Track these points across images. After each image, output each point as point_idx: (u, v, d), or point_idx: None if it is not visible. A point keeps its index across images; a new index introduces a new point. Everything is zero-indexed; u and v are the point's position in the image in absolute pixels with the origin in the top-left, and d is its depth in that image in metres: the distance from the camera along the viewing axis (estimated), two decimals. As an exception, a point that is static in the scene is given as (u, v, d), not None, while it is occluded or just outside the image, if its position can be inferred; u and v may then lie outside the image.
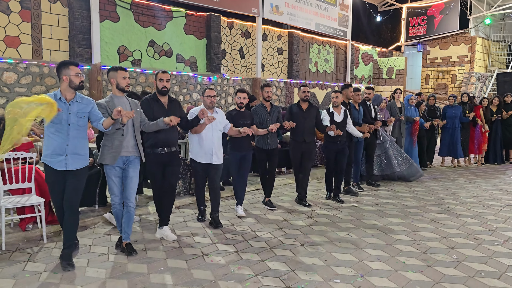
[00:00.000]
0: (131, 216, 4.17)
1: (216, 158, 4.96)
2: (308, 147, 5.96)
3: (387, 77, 18.20)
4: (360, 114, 6.88)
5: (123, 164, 4.11)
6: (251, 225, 5.10)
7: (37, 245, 4.30)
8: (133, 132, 4.12)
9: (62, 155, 3.68)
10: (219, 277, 3.60)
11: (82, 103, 3.77)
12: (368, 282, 3.53)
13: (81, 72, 3.78)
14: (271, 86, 5.78)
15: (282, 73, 14.07)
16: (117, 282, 3.48)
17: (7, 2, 7.81)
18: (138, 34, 9.88)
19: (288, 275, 3.65)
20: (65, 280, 3.51)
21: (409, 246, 4.40)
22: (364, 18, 21.66)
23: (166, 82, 4.48)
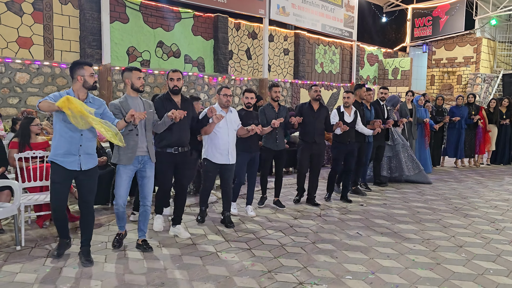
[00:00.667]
0: (147, 215, 4.27)
1: (231, 158, 4.98)
2: (318, 148, 5.94)
3: (392, 77, 18.25)
4: (372, 115, 6.87)
5: (139, 164, 4.15)
6: (262, 223, 5.20)
7: (55, 241, 4.41)
8: (145, 133, 4.15)
9: (75, 155, 3.71)
10: (234, 273, 3.70)
11: (94, 104, 3.78)
12: (379, 278, 3.62)
13: (94, 72, 3.81)
14: (279, 86, 5.78)
15: (288, 73, 14.16)
16: (135, 277, 3.58)
17: (20, 4, 7.95)
18: (147, 35, 10.00)
19: (300, 271, 3.75)
20: (84, 275, 3.61)
21: (418, 244, 4.48)
22: (369, 19, 21.72)
23: (177, 81, 4.46)
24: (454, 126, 9.38)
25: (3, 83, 7.42)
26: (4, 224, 4.69)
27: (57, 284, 3.42)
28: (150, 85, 9.70)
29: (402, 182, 7.79)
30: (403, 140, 7.69)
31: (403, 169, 7.58)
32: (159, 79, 9.85)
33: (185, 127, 4.50)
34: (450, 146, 9.60)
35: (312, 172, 6.07)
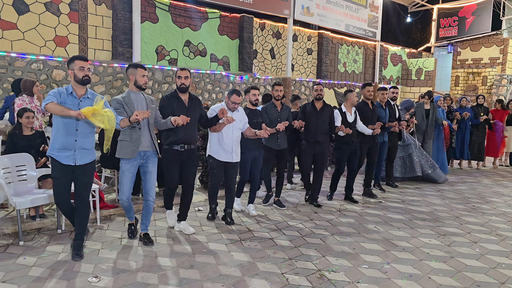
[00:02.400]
0: (150, 209, 4.35)
1: (235, 156, 4.98)
2: (321, 148, 5.83)
3: (416, 78, 18.19)
4: (387, 114, 6.78)
5: (141, 159, 4.16)
6: (283, 216, 5.45)
7: (91, 226, 4.78)
8: (148, 127, 4.15)
9: (70, 150, 3.71)
10: (257, 259, 3.97)
11: (93, 100, 3.72)
12: (394, 268, 3.83)
13: (87, 67, 3.68)
14: (281, 85, 5.64)
15: (311, 73, 14.35)
16: (167, 260, 3.90)
17: (58, 4, 8.41)
18: (175, 35, 10.37)
19: (319, 260, 3.99)
20: (121, 255, 3.95)
21: (433, 239, 4.66)
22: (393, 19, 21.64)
23: (185, 79, 4.45)
24: (458, 127, 9.25)
25: (41, 80, 7.88)
26: (45, 210, 5.08)
27: (96, 263, 3.76)
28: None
29: (418, 180, 7.83)
30: (413, 140, 7.72)
31: (416, 170, 7.58)
32: (186, 77, 10.21)
33: (192, 124, 4.47)
34: (456, 147, 9.51)
35: (315, 172, 5.99)
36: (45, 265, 3.71)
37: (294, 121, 5.57)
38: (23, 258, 3.84)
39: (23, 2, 7.98)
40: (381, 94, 6.80)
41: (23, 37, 8.03)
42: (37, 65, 7.81)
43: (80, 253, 3.87)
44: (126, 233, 4.56)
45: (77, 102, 3.65)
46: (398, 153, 7.56)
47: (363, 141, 6.23)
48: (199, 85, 10.46)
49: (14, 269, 3.59)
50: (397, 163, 7.67)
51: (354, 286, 3.46)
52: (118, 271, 3.62)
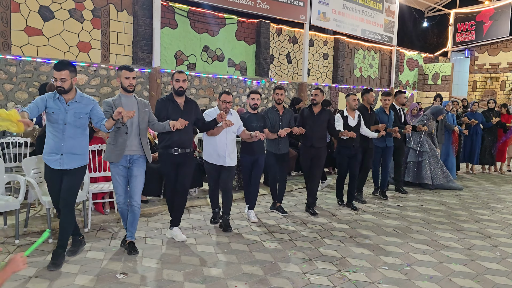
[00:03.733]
0: (135, 215, 4.17)
1: (230, 160, 4.86)
2: (317, 153, 5.69)
3: (432, 83, 18.08)
4: (390, 119, 6.68)
5: (127, 163, 4.09)
6: (303, 217, 5.52)
7: (116, 225, 4.93)
8: (138, 131, 4.09)
9: (57, 154, 3.69)
10: (278, 259, 4.05)
11: (81, 103, 3.73)
12: (414, 270, 3.87)
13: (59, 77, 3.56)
14: (283, 89, 5.56)
15: (327, 77, 14.40)
16: (190, 258, 4.01)
17: (81, 11, 8.65)
18: (193, 40, 10.55)
19: (339, 260, 4.05)
20: (146, 253, 4.08)
21: (453, 242, 4.68)
22: (410, 24, 21.56)
23: (183, 82, 4.39)
24: (468, 132, 9.14)
25: (65, 84, 8.10)
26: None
27: (123, 261, 3.89)
28: (195, 87, 10.23)
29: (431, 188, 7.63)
30: (432, 149, 7.59)
31: (423, 177, 7.50)
32: (204, 81, 10.37)
33: (187, 128, 4.39)
34: (463, 152, 9.42)
35: (310, 176, 5.83)
36: (74, 261, 3.85)
37: (293, 127, 5.44)
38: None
39: (49, 9, 8.24)
40: (383, 100, 6.70)
41: (48, 42, 8.28)
42: (61, 70, 8.04)
43: (57, 262, 3.68)
44: (150, 232, 4.68)
45: (64, 107, 3.64)
46: (410, 158, 7.51)
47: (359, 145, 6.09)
48: (216, 89, 10.61)
49: (45, 265, 3.73)
50: (409, 167, 7.62)
51: (375, 287, 3.52)
52: (144, 268, 3.74)
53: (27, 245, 4.18)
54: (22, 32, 7.96)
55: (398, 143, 6.89)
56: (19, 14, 7.89)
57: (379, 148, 6.63)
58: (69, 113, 3.66)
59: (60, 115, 3.64)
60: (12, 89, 7.51)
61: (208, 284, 3.47)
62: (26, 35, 8.00)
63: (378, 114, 6.63)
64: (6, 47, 7.76)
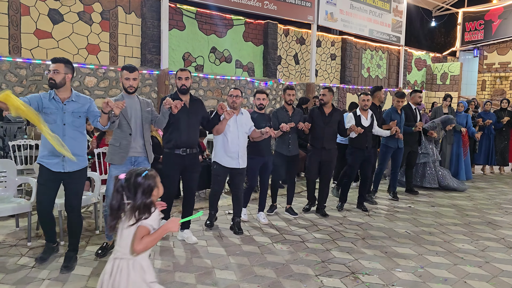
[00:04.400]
0: None
1: (242, 162, 4.77)
2: (328, 155, 5.55)
3: (441, 82, 17.96)
4: (402, 119, 6.57)
5: (131, 165, 3.99)
6: (313, 219, 5.49)
7: (127, 228, 4.92)
8: (142, 132, 4.01)
9: (59, 156, 3.57)
10: (290, 261, 4.02)
11: (78, 102, 3.64)
12: (428, 272, 3.83)
13: (52, 69, 3.50)
14: (294, 89, 5.48)
15: (335, 78, 14.35)
16: (202, 260, 3.99)
17: (90, 14, 8.69)
18: (201, 42, 10.56)
19: (352, 262, 4.02)
20: (158, 255, 4.07)
21: (467, 244, 4.62)
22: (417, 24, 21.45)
23: (185, 80, 4.30)
24: (483, 132, 9.05)
25: (74, 86, 8.14)
26: (82, 212, 5.25)
27: (135, 263, 3.88)
28: (203, 89, 10.23)
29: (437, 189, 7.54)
30: (433, 153, 7.48)
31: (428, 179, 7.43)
32: (212, 83, 10.38)
33: (194, 127, 4.35)
34: (479, 153, 9.31)
35: (322, 180, 5.70)
36: (86, 264, 3.85)
37: (299, 123, 5.30)
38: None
39: (58, 12, 8.29)
40: (396, 101, 6.53)
41: (57, 45, 8.33)
42: (71, 73, 8.09)
43: (69, 265, 3.67)
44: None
45: (61, 106, 3.55)
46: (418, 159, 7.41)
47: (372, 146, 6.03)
48: (224, 91, 10.61)
49: (57, 267, 3.74)
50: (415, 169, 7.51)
51: (389, 289, 3.48)
52: (157, 270, 3.73)
53: (39, 247, 4.19)
54: (32, 35, 8.01)
55: (411, 143, 6.82)
56: (29, 17, 7.94)
57: (391, 149, 6.51)
58: (67, 113, 3.56)
59: (58, 115, 3.54)
60: (22, 91, 7.55)
61: (220, 286, 3.45)
62: (35, 38, 8.06)
63: (390, 114, 6.51)
64: (16, 50, 7.81)
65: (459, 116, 8.55)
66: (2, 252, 4.06)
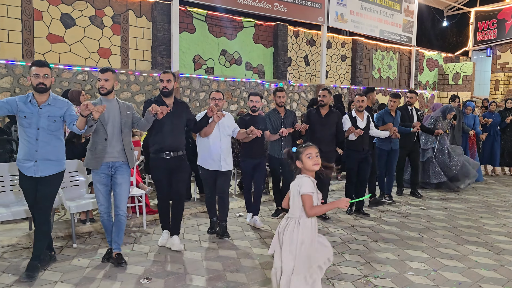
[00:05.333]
0: (121, 225, 3.96)
1: (225, 164, 4.71)
2: (326, 157, 5.08)
3: (453, 83, 17.74)
4: (396, 121, 6.41)
5: (109, 170, 3.87)
6: (323, 222, 5.45)
7: (138, 230, 4.95)
8: (120, 136, 3.87)
9: (31, 160, 3.50)
10: (301, 264, 4.00)
11: (55, 106, 3.54)
12: (441, 276, 3.78)
13: (42, 74, 3.45)
14: (284, 91, 5.40)
15: (345, 79, 14.27)
16: (213, 263, 3.99)
17: (101, 18, 8.77)
18: (211, 44, 10.58)
19: (364, 266, 3.98)
20: (169, 258, 4.08)
21: (481, 247, 4.55)
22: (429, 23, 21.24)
23: (167, 83, 4.18)
24: (488, 133, 8.86)
25: (86, 90, 8.21)
26: (94, 214, 5.29)
27: (146, 266, 3.90)
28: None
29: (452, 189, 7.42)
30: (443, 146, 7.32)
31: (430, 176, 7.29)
32: (222, 85, 10.39)
33: (178, 130, 4.28)
34: (483, 153, 9.13)
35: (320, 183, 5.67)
36: (98, 266, 3.87)
37: (296, 124, 5.25)
38: (78, 259, 4.02)
39: (70, 17, 8.38)
40: (392, 102, 6.39)
41: (69, 49, 8.42)
42: (83, 76, 8.16)
43: (32, 274, 3.51)
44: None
45: (36, 110, 3.47)
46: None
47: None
48: (234, 93, 10.62)
49: (70, 270, 3.77)
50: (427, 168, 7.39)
51: (402, 293, 3.44)
52: (168, 273, 3.74)
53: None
54: (45, 40, 8.11)
55: (410, 145, 6.70)
56: (41, 22, 8.04)
57: (384, 151, 6.36)
58: (42, 117, 3.48)
59: (33, 119, 3.46)
60: (35, 95, 7.65)
61: (231, 289, 3.45)
62: (48, 42, 8.15)
63: (382, 117, 6.37)
64: (29, 54, 7.92)
65: (467, 117, 8.44)
66: (16, 254, 4.11)
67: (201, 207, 5.86)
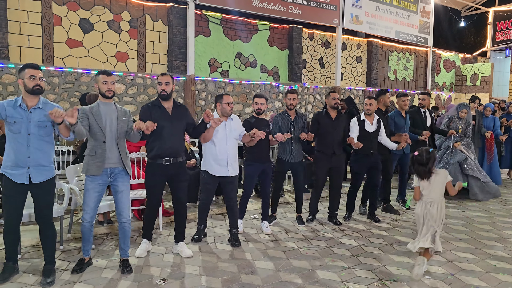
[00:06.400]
0: (126, 232, 3.90)
1: (232, 170, 4.53)
2: (338, 161, 5.34)
3: (471, 84, 17.48)
4: (407, 123, 6.19)
5: (108, 177, 3.78)
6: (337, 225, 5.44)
7: (154, 232, 5.01)
8: (116, 142, 3.77)
9: (23, 167, 3.41)
10: (316, 267, 4.00)
11: (45, 110, 3.43)
12: (458, 280, 3.74)
13: (38, 76, 3.40)
14: (296, 93, 5.22)
15: (360, 81, 14.20)
16: (228, 265, 4.02)
17: (119, 22, 8.92)
18: (226, 47, 10.66)
19: (379, 269, 3.96)
20: (184, 260, 4.12)
21: (499, 251, 4.48)
22: (445, 24, 20.96)
23: (165, 85, 4.04)
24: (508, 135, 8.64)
25: (104, 93, 8.36)
26: (111, 216, 5.38)
27: (162, 267, 3.95)
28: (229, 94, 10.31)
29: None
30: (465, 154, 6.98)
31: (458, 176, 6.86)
32: (238, 88, 10.46)
33: (177, 134, 4.14)
34: (505, 156, 8.85)
35: (333, 187, 5.48)
36: (115, 267, 3.94)
37: (302, 133, 5.07)
38: (95, 260, 4.09)
39: (88, 22, 8.54)
40: (401, 101, 6.13)
41: (88, 54, 8.58)
42: (100, 80, 8.31)
43: (49, 280, 3.52)
44: (187, 238, 4.67)
45: (26, 115, 3.38)
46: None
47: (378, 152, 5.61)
48: (249, 96, 10.66)
49: (88, 270, 3.85)
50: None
51: (418, 297, 3.42)
52: (183, 274, 3.79)
53: (71, 250, 4.33)
54: (64, 44, 8.28)
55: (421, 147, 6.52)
56: (61, 27, 8.22)
57: (396, 156, 6.11)
58: (32, 121, 3.39)
59: (23, 124, 3.37)
60: (54, 99, 7.81)
61: (246, 291, 3.47)
62: (67, 47, 8.33)
63: (394, 119, 6.17)
64: (49, 59, 8.10)
65: (486, 119, 8.29)
66: (36, 255, 4.21)
67: (216, 209, 5.91)
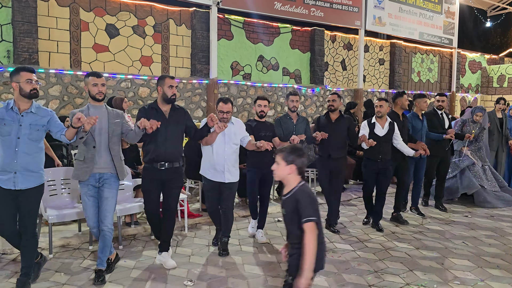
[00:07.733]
0: (106, 241, 3.72)
1: (229, 176, 4.35)
2: (336, 165, 5.12)
3: (497, 85, 17.08)
4: (424, 126, 5.99)
5: (96, 182, 3.69)
6: (364, 228, 5.40)
7: (180, 234, 5.08)
8: (108, 145, 3.68)
9: (10, 172, 3.30)
10: (342, 270, 3.99)
11: (38, 114, 3.39)
12: (489, 286, 3.67)
13: (34, 79, 3.35)
14: (297, 95, 5.09)
15: (383, 83, 14.05)
16: (254, 267, 4.05)
17: (143, 27, 9.08)
18: (249, 50, 10.72)
19: (406, 273, 3.92)
20: (210, 261, 4.17)
21: (530, 257, 4.38)
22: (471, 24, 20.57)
23: (176, 89, 4.02)
24: None
25: (129, 97, 8.52)
26: (138, 218, 5.48)
27: (189, 268, 4.01)
28: (251, 97, 10.37)
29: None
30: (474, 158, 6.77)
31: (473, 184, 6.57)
32: (260, 91, 10.49)
33: (174, 139, 3.98)
34: None
35: (331, 193, 5.25)
36: (143, 268, 4.02)
37: (316, 132, 4.91)
38: (124, 261, 4.18)
39: (114, 27, 8.72)
40: (423, 102, 5.99)
41: (113, 58, 8.76)
42: (126, 84, 8.48)
43: None
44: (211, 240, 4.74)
45: (17, 118, 3.31)
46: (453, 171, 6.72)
47: (391, 158, 5.36)
48: (272, 98, 10.69)
49: (117, 270, 3.93)
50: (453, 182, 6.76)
51: (447, 302, 3.37)
52: (210, 276, 3.83)
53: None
54: (91, 49, 8.48)
55: (442, 153, 6.17)
56: (88, 32, 8.42)
57: (412, 160, 5.82)
58: (24, 125, 3.31)
59: (13, 127, 3.29)
60: (82, 103, 8.00)
61: (273, 294, 3.49)
62: (94, 52, 8.52)
63: (411, 120, 5.97)
64: (76, 64, 8.30)
65: (510, 121, 8.06)
66: (67, 254, 4.33)
67: (242, 211, 5.95)
